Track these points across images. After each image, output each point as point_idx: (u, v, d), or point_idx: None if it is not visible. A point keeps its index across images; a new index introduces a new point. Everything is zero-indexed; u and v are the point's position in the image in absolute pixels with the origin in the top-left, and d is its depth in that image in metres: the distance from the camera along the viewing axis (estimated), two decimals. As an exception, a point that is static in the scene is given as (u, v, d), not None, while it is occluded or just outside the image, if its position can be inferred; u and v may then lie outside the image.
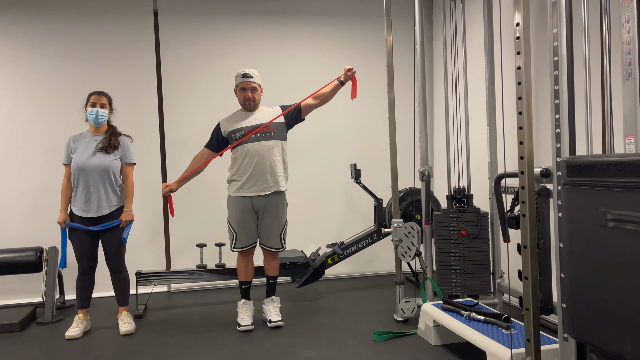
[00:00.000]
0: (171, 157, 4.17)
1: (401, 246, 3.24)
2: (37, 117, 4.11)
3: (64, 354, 2.93)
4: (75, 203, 3.19)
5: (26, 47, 4.09)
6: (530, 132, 1.88)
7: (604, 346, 1.48)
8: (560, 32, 1.95)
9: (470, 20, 3.87)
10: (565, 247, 1.63)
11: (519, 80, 1.89)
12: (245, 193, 3.21)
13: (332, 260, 4.00)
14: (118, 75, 4.23)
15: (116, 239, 3.23)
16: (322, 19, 4.62)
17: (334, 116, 4.62)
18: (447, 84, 3.51)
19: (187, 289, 4.32)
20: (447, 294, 3.27)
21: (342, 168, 4.54)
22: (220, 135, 3.31)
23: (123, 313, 3.32)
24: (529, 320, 1.91)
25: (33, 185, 4.11)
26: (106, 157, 3.20)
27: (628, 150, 1.71)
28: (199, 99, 4.36)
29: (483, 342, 2.40)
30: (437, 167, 4.56)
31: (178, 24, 4.33)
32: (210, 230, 4.12)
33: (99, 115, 3.20)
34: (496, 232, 3.30)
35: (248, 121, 3.27)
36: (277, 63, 4.51)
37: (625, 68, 1.71)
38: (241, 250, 3.27)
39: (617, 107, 1.92)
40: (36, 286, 3.90)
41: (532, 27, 3.19)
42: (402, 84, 4.59)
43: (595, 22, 2.12)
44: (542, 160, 3.04)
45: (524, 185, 1.89)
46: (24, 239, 4.02)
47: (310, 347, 2.90)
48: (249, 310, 3.32)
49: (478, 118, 3.77)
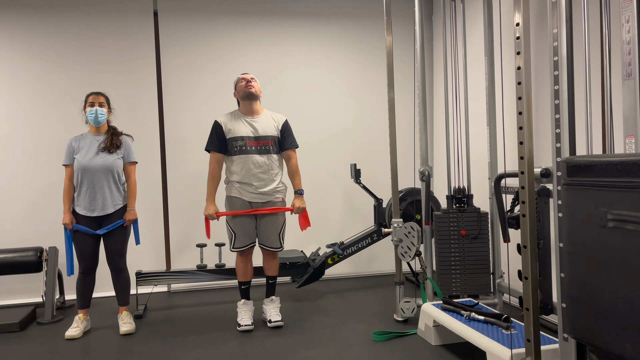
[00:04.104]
0: (171, 157, 4.17)
1: (401, 246, 3.25)
2: (37, 117, 4.11)
3: (64, 354, 2.93)
4: (79, 203, 3.19)
5: (26, 48, 4.09)
6: (530, 132, 1.88)
7: (604, 346, 1.48)
8: (560, 32, 1.95)
9: (470, 20, 3.87)
10: (565, 247, 1.63)
11: (519, 80, 1.89)
12: (243, 197, 3.23)
13: (332, 260, 4.00)
14: (118, 75, 4.23)
15: (119, 238, 3.24)
16: (322, 19, 4.62)
17: (334, 116, 4.63)
18: (447, 84, 3.51)
19: (187, 289, 4.32)
20: (447, 294, 3.27)
21: (342, 168, 4.54)
22: (222, 134, 3.25)
23: (123, 313, 3.32)
24: (529, 320, 1.91)
25: (33, 185, 4.11)
26: (109, 157, 3.20)
27: (628, 150, 1.71)
28: (199, 98, 4.36)
29: (483, 342, 2.40)
30: (437, 167, 4.56)
31: (178, 24, 4.33)
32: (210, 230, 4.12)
33: (98, 114, 3.21)
34: (496, 232, 3.30)
35: (250, 130, 3.23)
36: (277, 63, 4.51)
37: (625, 68, 1.71)
38: (240, 250, 3.27)
39: (617, 107, 1.92)
40: (36, 286, 3.90)
41: (532, 27, 3.19)
42: (402, 84, 4.60)
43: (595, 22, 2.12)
44: (542, 160, 3.04)
45: (524, 185, 1.89)
46: (24, 239, 4.02)
47: (310, 347, 2.90)
48: (249, 310, 3.32)
49: (478, 118, 3.77)
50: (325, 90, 4.63)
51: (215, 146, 3.25)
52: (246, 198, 3.23)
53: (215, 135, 3.26)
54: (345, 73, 4.67)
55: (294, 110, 4.44)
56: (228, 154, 3.26)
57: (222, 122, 3.27)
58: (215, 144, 3.25)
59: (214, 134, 3.27)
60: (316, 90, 4.61)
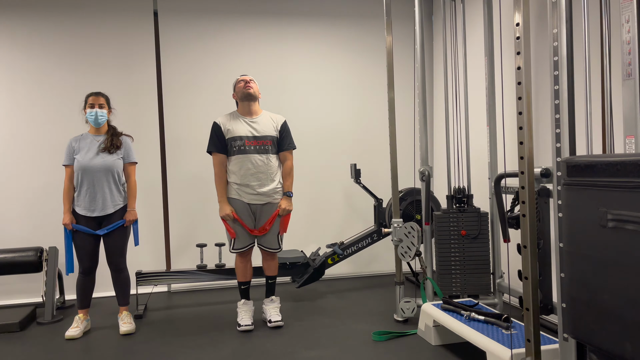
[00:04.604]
0: (171, 157, 4.17)
1: (401, 246, 3.25)
2: (37, 117, 4.11)
3: (64, 354, 2.93)
4: (79, 203, 3.19)
5: (26, 48, 4.09)
6: (530, 132, 1.88)
7: (604, 346, 1.48)
8: (560, 32, 1.95)
9: (470, 20, 3.87)
10: (565, 247, 1.63)
11: (519, 80, 1.89)
12: (242, 199, 3.23)
13: (332, 260, 4.00)
14: (118, 75, 4.23)
15: (119, 238, 3.24)
16: (322, 19, 4.62)
17: (334, 116, 4.63)
18: (447, 84, 3.51)
19: (187, 289, 4.32)
20: (447, 294, 3.27)
21: (342, 168, 4.54)
22: (222, 135, 3.25)
23: (123, 313, 3.32)
24: (529, 320, 1.91)
25: (33, 185, 4.11)
26: (109, 157, 3.21)
27: (628, 150, 1.71)
28: (199, 98, 4.36)
29: (483, 342, 2.40)
30: (437, 167, 4.56)
31: (178, 24, 4.33)
32: (210, 230, 4.13)
33: (98, 116, 3.21)
34: (496, 232, 3.30)
35: (249, 129, 3.24)
36: (277, 63, 4.52)
37: (625, 68, 1.71)
38: (240, 251, 3.27)
39: (617, 107, 1.92)
40: (36, 286, 3.90)
41: (532, 27, 3.19)
42: (402, 84, 4.60)
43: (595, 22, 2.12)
44: (542, 160, 3.04)
45: (524, 185, 1.89)
46: (24, 239, 4.02)
47: (310, 347, 2.90)
48: (249, 310, 3.32)
49: (478, 118, 3.77)
50: (325, 90, 4.63)
51: (217, 147, 3.24)
52: (245, 199, 3.23)
53: (215, 137, 3.25)
54: (345, 73, 4.67)
55: (294, 110, 4.44)
56: (227, 155, 3.26)
57: (220, 122, 3.26)
58: (216, 145, 3.24)
59: (213, 135, 3.26)
60: (316, 90, 4.61)
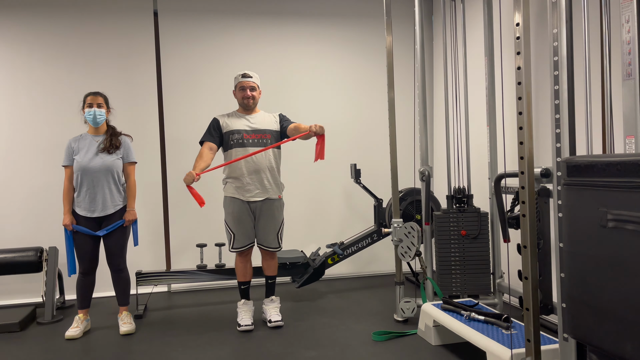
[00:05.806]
0: (171, 157, 4.17)
1: (401, 246, 3.25)
2: (37, 117, 4.11)
3: (64, 354, 2.93)
4: (79, 204, 3.19)
5: (26, 48, 4.09)
6: (530, 132, 1.88)
7: (604, 346, 1.48)
8: (560, 32, 1.95)
9: (470, 20, 3.87)
10: (565, 247, 1.63)
11: (519, 80, 1.89)
12: (241, 197, 3.22)
13: (332, 260, 4.00)
14: (118, 75, 4.23)
15: (119, 238, 3.24)
16: (322, 19, 4.62)
17: (334, 116, 4.62)
18: (447, 84, 3.51)
19: (187, 289, 4.32)
20: (447, 294, 3.27)
21: (342, 168, 4.54)
22: (218, 127, 3.26)
23: (123, 313, 3.32)
24: (529, 320, 1.91)
25: (33, 185, 4.11)
26: (109, 157, 3.20)
27: (628, 150, 1.71)
28: (199, 98, 4.36)
29: (483, 342, 2.40)
30: (437, 167, 4.56)
31: (178, 24, 4.33)
32: (210, 230, 4.13)
33: (96, 115, 3.21)
34: (496, 232, 3.30)
35: (247, 124, 3.27)
36: (276, 63, 4.52)
37: (625, 68, 1.71)
38: (239, 250, 3.27)
39: (617, 107, 1.92)
40: (36, 286, 3.90)
41: (532, 27, 3.19)
42: (402, 84, 4.60)
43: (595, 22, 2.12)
44: (542, 160, 3.04)
45: (524, 185, 1.89)
46: (24, 239, 4.02)
47: (310, 347, 2.90)
48: (249, 310, 3.32)
49: (478, 118, 3.77)
50: (325, 90, 4.63)
51: (209, 137, 3.24)
52: (244, 198, 3.22)
53: (211, 128, 3.28)
54: (345, 73, 4.67)
55: (294, 110, 4.41)
56: (225, 149, 3.27)
57: (219, 117, 3.31)
58: (209, 136, 3.24)
59: (210, 127, 3.29)
60: (316, 90, 4.61)
